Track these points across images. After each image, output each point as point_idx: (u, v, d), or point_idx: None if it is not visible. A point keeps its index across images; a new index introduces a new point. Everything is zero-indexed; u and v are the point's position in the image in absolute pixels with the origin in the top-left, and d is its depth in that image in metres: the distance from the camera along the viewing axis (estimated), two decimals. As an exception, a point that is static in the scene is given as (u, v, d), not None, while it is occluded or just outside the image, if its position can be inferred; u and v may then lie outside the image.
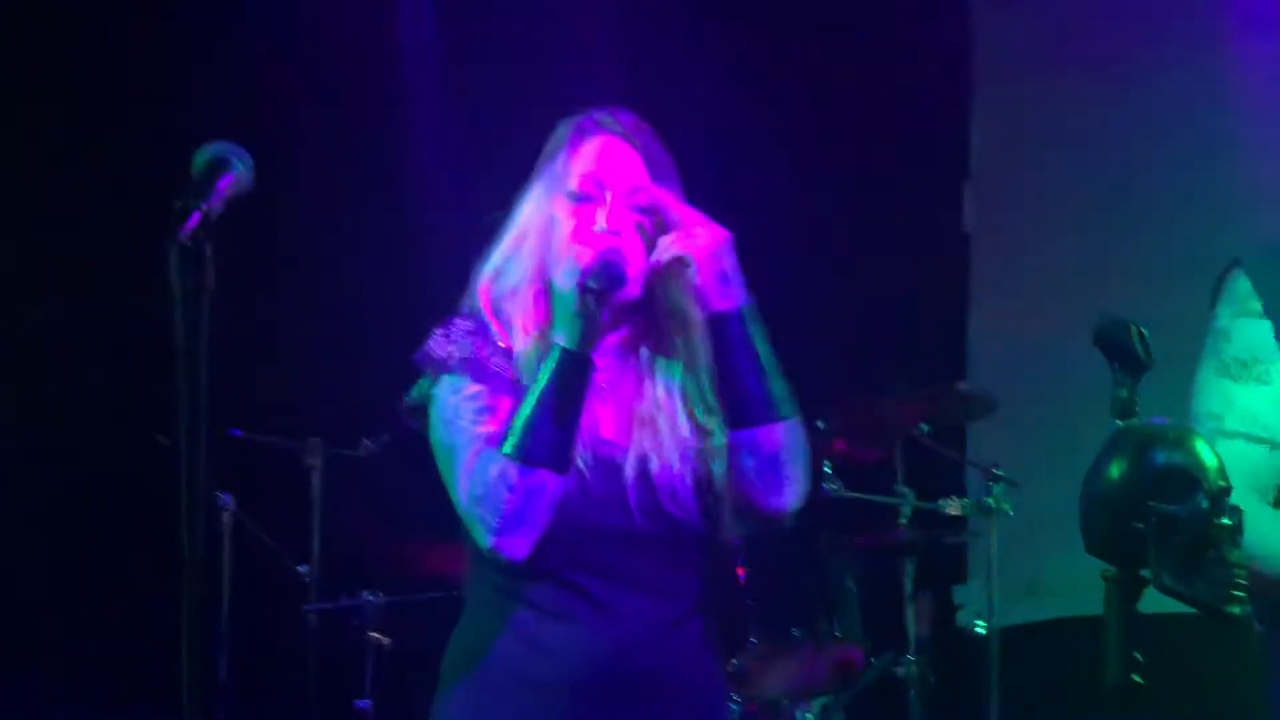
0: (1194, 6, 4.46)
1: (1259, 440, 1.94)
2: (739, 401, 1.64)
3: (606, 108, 1.85)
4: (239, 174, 1.38)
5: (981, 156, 4.81)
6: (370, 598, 3.33)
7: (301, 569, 3.41)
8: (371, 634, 3.30)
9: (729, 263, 1.64)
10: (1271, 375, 1.97)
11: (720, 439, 1.71)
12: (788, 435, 1.69)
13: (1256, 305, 1.99)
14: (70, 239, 3.88)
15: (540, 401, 1.66)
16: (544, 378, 1.66)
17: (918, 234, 4.64)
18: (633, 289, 1.66)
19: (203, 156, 1.38)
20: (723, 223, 1.71)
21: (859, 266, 4.55)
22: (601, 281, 1.60)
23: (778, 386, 1.65)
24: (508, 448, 1.64)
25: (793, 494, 1.70)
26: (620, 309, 1.70)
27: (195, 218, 1.28)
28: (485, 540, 1.63)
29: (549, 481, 1.66)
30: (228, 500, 3.31)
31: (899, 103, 4.61)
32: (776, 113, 4.51)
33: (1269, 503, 1.92)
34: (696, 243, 1.64)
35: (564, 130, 1.83)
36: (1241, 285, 2.00)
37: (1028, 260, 4.68)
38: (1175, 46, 4.43)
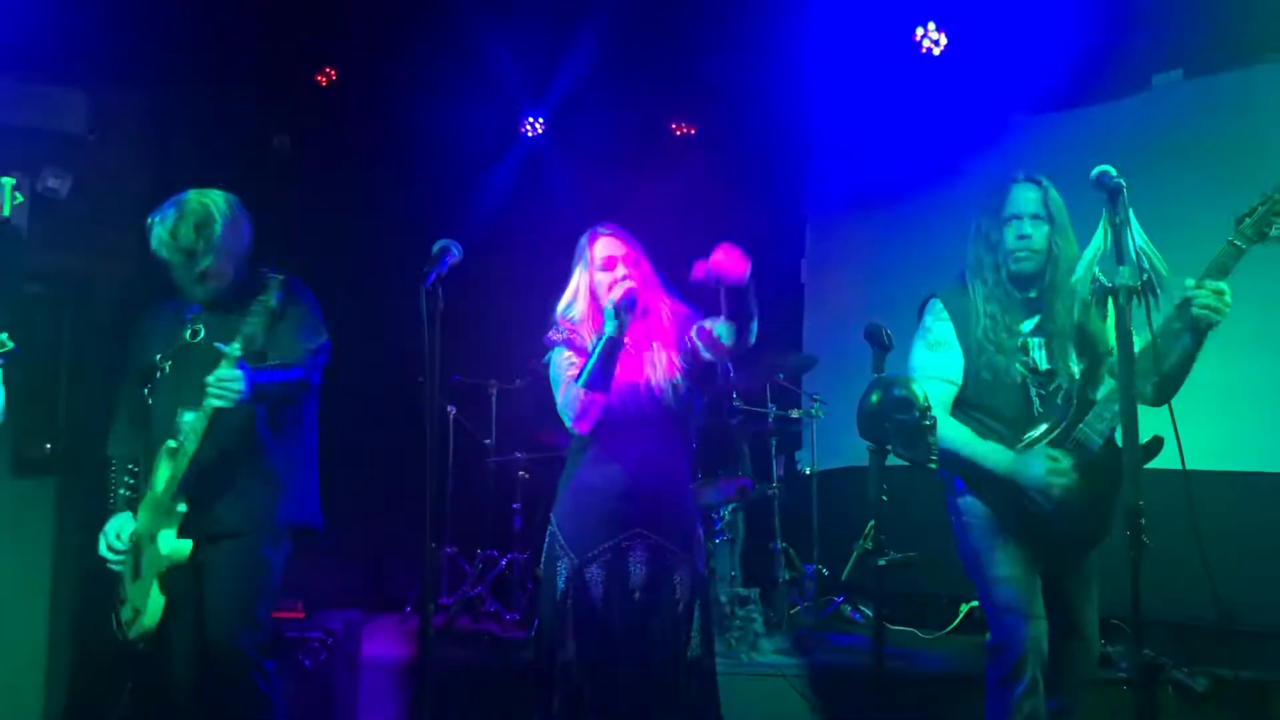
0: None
1: (943, 380, 3.21)
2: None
3: (602, 224, 3.33)
4: (455, 256, 2.74)
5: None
6: (519, 455, 5.95)
7: (487, 441, 5.98)
8: (520, 472, 5.98)
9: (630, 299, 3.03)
10: (946, 350, 3.20)
11: (680, 376, 3.16)
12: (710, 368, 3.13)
13: (945, 314, 3.24)
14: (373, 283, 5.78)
15: (594, 360, 3.01)
16: (596, 349, 3.03)
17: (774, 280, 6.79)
18: (641, 303, 3.11)
19: (438, 245, 2.73)
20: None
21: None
22: (626, 305, 3.03)
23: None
24: (580, 381, 3.06)
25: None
26: (635, 316, 3.13)
27: (431, 276, 2.63)
28: (568, 425, 3.10)
29: (597, 398, 3.06)
30: (452, 408, 5.95)
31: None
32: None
33: (947, 413, 3.16)
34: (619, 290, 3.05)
35: (584, 239, 3.32)
36: (937, 304, 3.29)
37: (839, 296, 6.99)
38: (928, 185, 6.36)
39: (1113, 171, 2.62)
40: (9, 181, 4.96)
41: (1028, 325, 3.21)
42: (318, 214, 5.98)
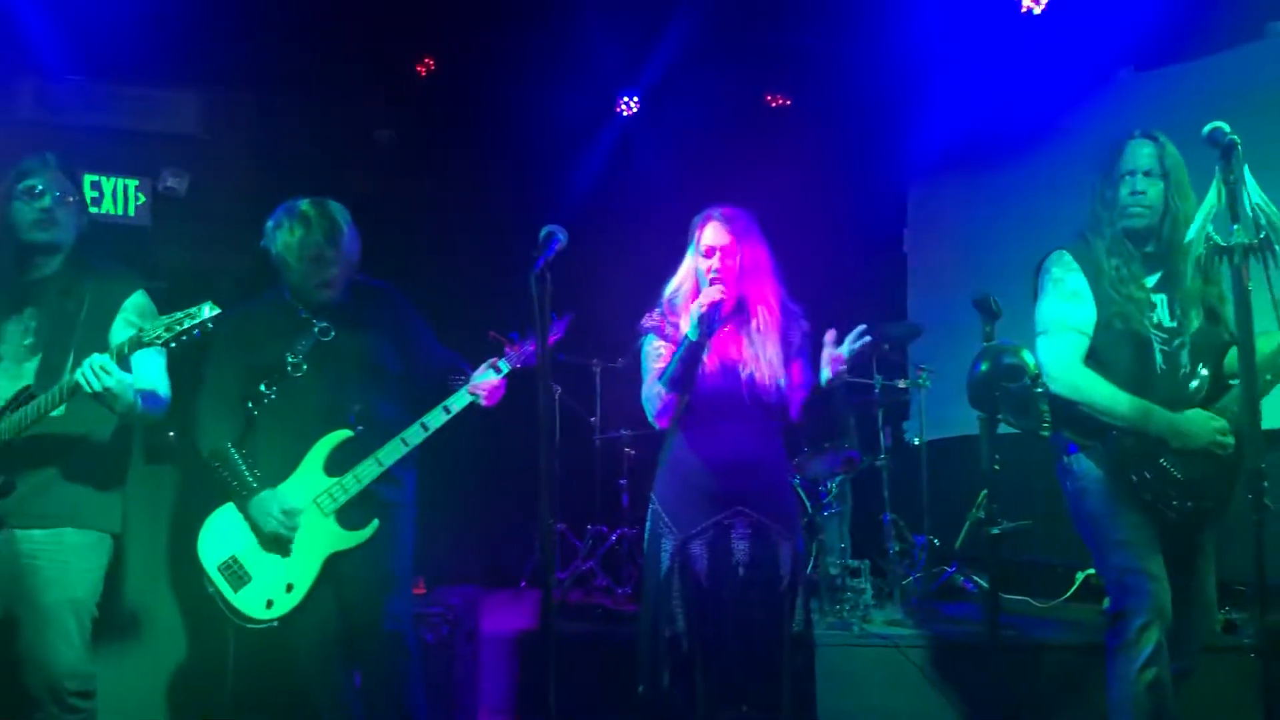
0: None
1: (1077, 331, 3.13)
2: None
3: (715, 205, 3.31)
4: (561, 240, 2.76)
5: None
6: (625, 432, 6.10)
7: (592, 419, 6.11)
8: (626, 449, 6.13)
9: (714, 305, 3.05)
10: (1081, 300, 3.13)
11: (780, 363, 3.19)
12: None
13: (1075, 265, 3.16)
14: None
15: (675, 362, 3.12)
16: (678, 352, 3.12)
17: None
18: (727, 306, 3.16)
19: (544, 230, 2.77)
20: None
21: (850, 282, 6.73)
22: (708, 315, 3.06)
23: None
24: (661, 380, 3.15)
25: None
26: (727, 313, 3.19)
27: (540, 262, 2.67)
28: (649, 418, 3.23)
29: (675, 398, 3.17)
30: (558, 388, 6.02)
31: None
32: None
33: (1082, 364, 3.08)
34: (706, 296, 3.07)
35: (697, 220, 3.32)
36: (1066, 256, 3.20)
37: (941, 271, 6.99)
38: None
39: (1225, 128, 2.56)
40: (132, 183, 5.17)
41: (1150, 280, 3.19)
42: (421, 202, 6.10)
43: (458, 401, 3.48)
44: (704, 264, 3.25)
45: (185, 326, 2.96)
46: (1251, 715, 2.68)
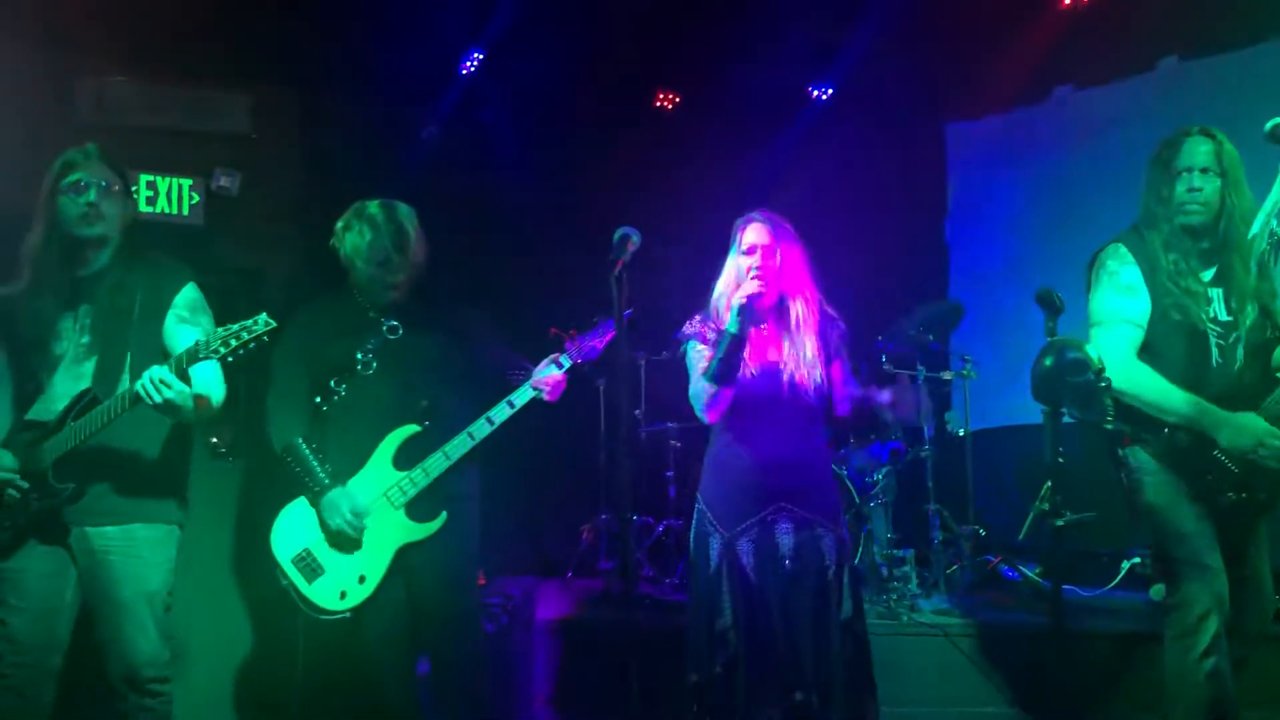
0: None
1: (1131, 324, 3.18)
2: None
3: (756, 209, 3.42)
4: (635, 241, 2.85)
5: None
6: (670, 424, 6.12)
7: (637, 412, 6.14)
8: (672, 441, 6.19)
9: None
10: (1135, 294, 3.17)
11: (820, 361, 3.30)
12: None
13: (1131, 259, 3.19)
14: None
15: (719, 356, 3.19)
16: (721, 345, 3.19)
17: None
18: (767, 301, 3.28)
19: (619, 233, 2.84)
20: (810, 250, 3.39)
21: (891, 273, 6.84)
22: (747, 306, 3.15)
23: None
24: (706, 376, 3.23)
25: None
26: (767, 307, 3.31)
27: (620, 263, 2.78)
28: (699, 414, 3.29)
29: (725, 392, 3.22)
30: (601, 381, 6.11)
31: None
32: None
33: (1135, 357, 3.13)
34: (746, 288, 3.18)
35: (739, 222, 3.42)
36: (1122, 249, 3.23)
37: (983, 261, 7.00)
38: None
39: (1290, 123, 2.57)
40: (187, 182, 5.26)
41: (1207, 275, 3.21)
42: (467, 199, 6.15)
43: (521, 396, 3.57)
44: (744, 262, 3.35)
45: (242, 340, 2.97)
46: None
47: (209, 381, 3.24)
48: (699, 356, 3.37)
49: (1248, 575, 3.21)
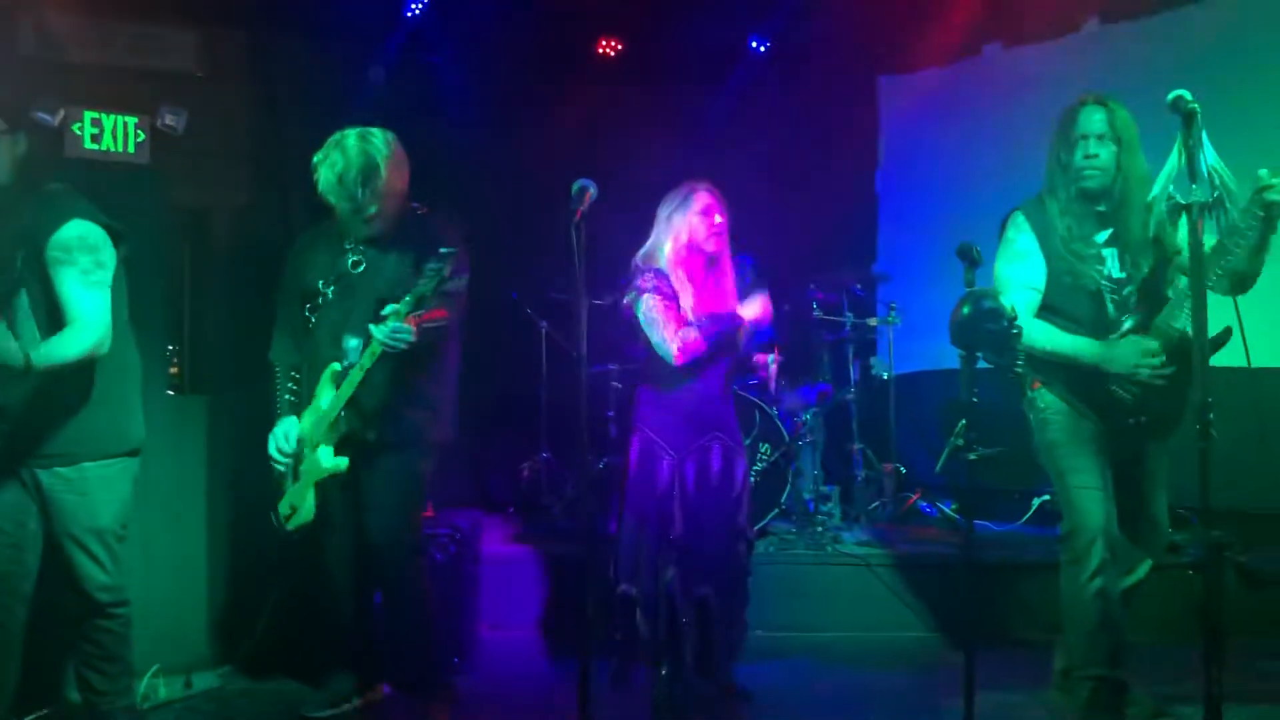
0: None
1: (1028, 287, 3.46)
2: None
3: (700, 180, 3.91)
4: (593, 192, 3.00)
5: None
6: (611, 366, 6.15)
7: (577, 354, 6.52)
8: (613, 383, 6.23)
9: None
10: (1029, 259, 3.44)
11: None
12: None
13: (1027, 226, 3.48)
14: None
15: (720, 331, 3.74)
16: (723, 331, 3.75)
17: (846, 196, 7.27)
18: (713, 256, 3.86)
19: (577, 184, 2.97)
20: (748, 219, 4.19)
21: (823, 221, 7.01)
22: (753, 330, 3.96)
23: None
24: (706, 341, 3.70)
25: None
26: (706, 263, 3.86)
27: (578, 213, 2.94)
28: (669, 359, 3.68)
29: (708, 351, 3.73)
30: (544, 324, 6.29)
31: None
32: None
33: (1033, 316, 3.43)
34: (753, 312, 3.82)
35: (684, 188, 3.86)
36: (1019, 217, 3.53)
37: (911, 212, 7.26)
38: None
39: (1188, 96, 2.81)
40: (132, 120, 5.26)
41: (1101, 236, 3.46)
42: (414, 140, 6.22)
43: (367, 360, 3.49)
44: (697, 223, 3.84)
45: None
46: (1190, 628, 3.00)
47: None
48: (662, 307, 3.76)
49: (1143, 504, 3.52)
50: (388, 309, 3.39)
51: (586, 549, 3.60)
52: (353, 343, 3.53)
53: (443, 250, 3.37)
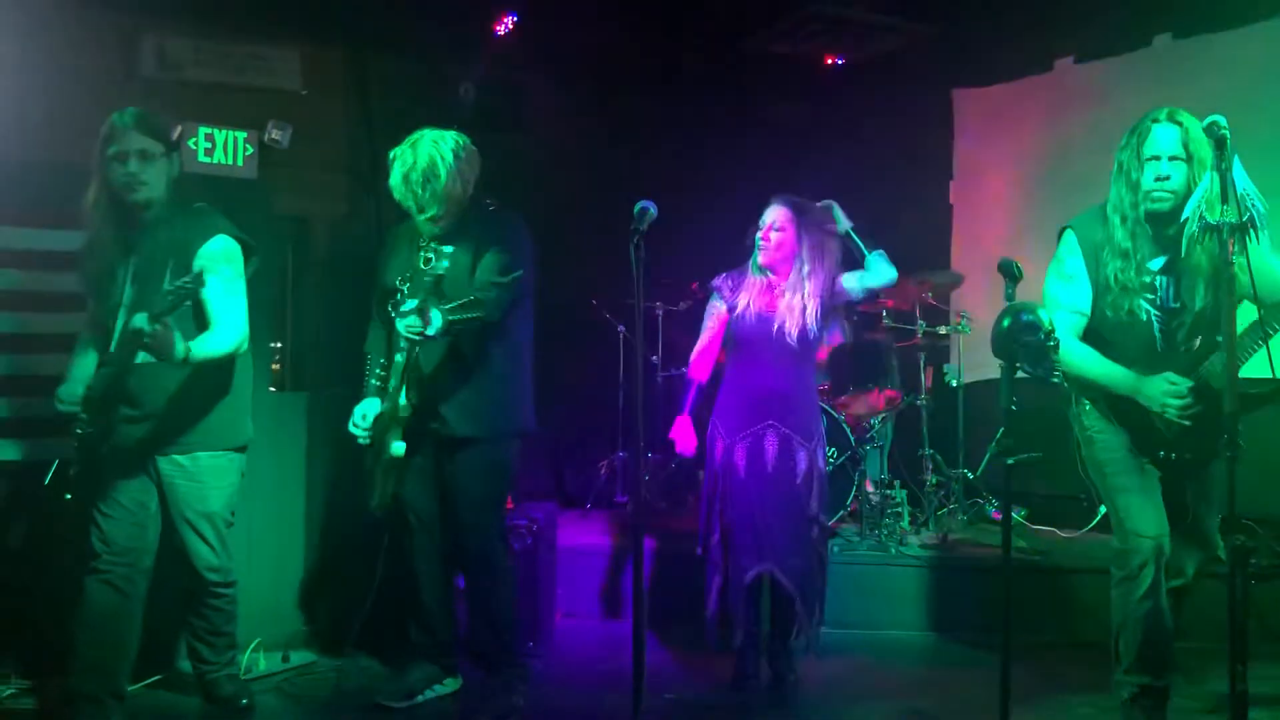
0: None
1: (1073, 311, 3.53)
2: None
3: (780, 195, 4.26)
4: (652, 213, 3.18)
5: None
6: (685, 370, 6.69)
7: (654, 358, 6.55)
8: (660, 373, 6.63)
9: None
10: (1077, 283, 3.51)
11: (815, 323, 4.13)
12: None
13: (1078, 248, 3.50)
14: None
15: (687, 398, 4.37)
16: (689, 395, 4.34)
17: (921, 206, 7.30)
18: (779, 264, 4.18)
19: (638, 205, 3.18)
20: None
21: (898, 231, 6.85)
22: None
23: None
24: (691, 366, 4.34)
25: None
26: (778, 268, 4.19)
27: (637, 234, 3.13)
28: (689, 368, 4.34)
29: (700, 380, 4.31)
30: (622, 328, 6.51)
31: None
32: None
33: (1077, 340, 3.52)
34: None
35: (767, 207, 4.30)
36: (1071, 237, 3.54)
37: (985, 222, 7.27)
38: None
39: (1222, 121, 2.93)
40: (241, 135, 5.65)
41: (1157, 264, 3.42)
42: (496, 155, 6.52)
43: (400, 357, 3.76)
44: (758, 236, 4.22)
45: (180, 295, 3.24)
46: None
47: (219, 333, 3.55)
48: (711, 313, 4.30)
49: (1189, 525, 3.56)
50: (407, 305, 3.57)
51: (633, 533, 3.77)
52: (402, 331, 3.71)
53: (491, 210, 3.84)
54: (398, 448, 3.80)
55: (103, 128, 3.52)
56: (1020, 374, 3.13)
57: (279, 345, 5.29)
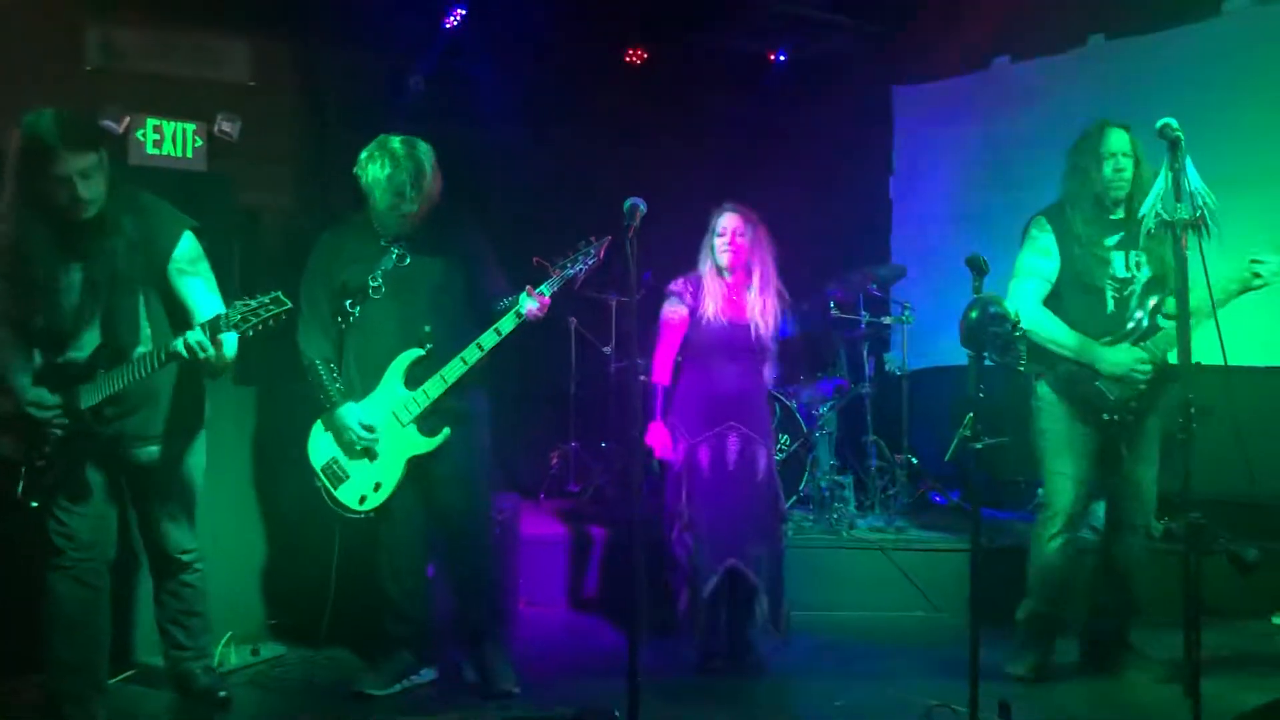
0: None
1: (1042, 278, 4.07)
2: None
3: (729, 201, 4.50)
4: (642, 209, 3.28)
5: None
6: (641, 361, 6.70)
7: (606, 349, 6.66)
8: (641, 376, 6.75)
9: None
10: (1048, 255, 4.05)
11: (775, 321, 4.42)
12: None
13: (1049, 227, 4.06)
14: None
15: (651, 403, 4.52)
16: (653, 398, 4.49)
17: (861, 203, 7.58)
18: (736, 269, 4.41)
19: (628, 202, 3.29)
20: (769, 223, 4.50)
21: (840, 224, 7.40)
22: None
23: None
24: (652, 374, 4.47)
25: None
26: (735, 274, 4.43)
27: (630, 229, 3.26)
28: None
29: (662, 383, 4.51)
30: (573, 319, 6.62)
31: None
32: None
33: (1041, 303, 4.04)
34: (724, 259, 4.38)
35: (717, 212, 4.48)
36: (1043, 219, 4.10)
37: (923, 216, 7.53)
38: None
39: (1174, 124, 3.17)
40: (190, 127, 5.58)
41: (1111, 240, 4.02)
42: (451, 145, 6.53)
43: (506, 324, 3.87)
44: (718, 242, 4.40)
45: (261, 317, 3.28)
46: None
47: (228, 342, 3.61)
48: (669, 315, 4.44)
49: (1125, 478, 4.10)
50: (520, 301, 3.83)
51: (609, 528, 3.86)
52: (426, 328, 3.94)
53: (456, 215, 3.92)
54: (432, 441, 3.96)
55: (19, 135, 3.30)
56: (987, 362, 3.25)
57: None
